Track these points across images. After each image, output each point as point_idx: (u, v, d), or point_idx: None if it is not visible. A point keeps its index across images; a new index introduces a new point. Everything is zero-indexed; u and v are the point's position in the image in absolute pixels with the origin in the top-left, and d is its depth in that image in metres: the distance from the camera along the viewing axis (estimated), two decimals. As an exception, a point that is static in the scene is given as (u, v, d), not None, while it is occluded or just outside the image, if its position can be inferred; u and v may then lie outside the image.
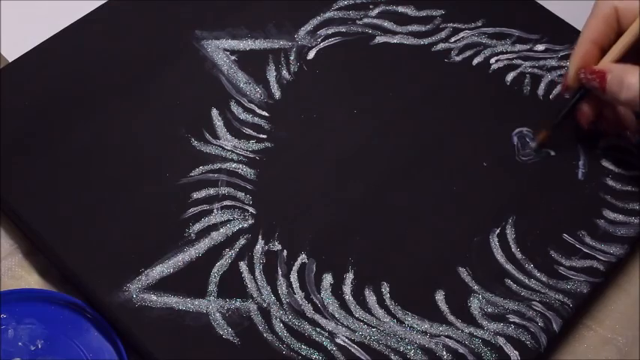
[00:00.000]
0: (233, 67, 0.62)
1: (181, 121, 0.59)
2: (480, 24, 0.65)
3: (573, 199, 0.58)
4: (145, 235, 0.54)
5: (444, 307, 0.53)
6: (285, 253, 0.54)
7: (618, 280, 0.57)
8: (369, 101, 0.61)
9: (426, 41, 0.65)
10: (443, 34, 0.65)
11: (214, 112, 0.60)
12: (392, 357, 0.51)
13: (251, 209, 0.56)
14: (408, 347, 0.51)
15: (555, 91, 0.62)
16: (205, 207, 0.56)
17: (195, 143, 0.58)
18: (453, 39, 0.65)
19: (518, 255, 0.55)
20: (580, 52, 0.57)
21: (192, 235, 0.54)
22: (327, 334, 0.52)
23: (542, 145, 0.59)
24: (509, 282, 0.54)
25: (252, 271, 0.53)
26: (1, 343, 0.51)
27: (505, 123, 0.61)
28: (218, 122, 0.59)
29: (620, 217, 0.57)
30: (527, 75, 0.63)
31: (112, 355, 0.51)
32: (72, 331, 0.52)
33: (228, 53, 0.62)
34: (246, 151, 0.58)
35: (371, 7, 0.66)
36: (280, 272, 0.54)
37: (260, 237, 0.55)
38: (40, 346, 0.51)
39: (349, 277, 0.54)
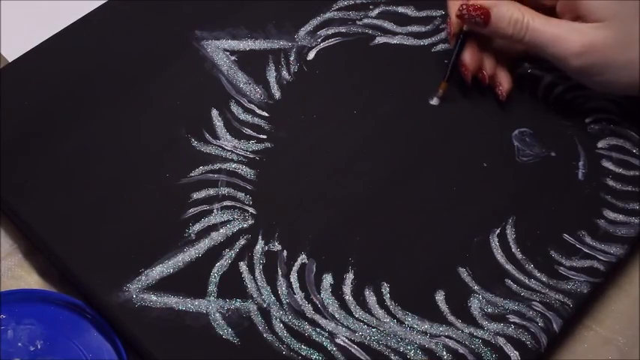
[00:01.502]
0: (233, 67, 0.62)
1: (181, 121, 0.59)
2: (480, 24, 0.65)
3: (573, 199, 0.58)
4: (145, 235, 0.54)
5: (444, 307, 0.53)
6: (285, 253, 0.54)
7: (618, 281, 0.57)
8: (369, 101, 0.61)
9: (426, 42, 0.65)
10: (443, 35, 0.65)
11: (214, 113, 0.60)
12: (392, 357, 0.51)
13: (251, 209, 0.56)
14: (408, 347, 0.51)
15: (555, 92, 0.62)
16: (205, 207, 0.55)
17: (195, 143, 0.58)
18: (453, 39, 0.65)
19: (519, 255, 0.55)
20: None
21: (192, 235, 0.54)
22: (327, 335, 0.52)
23: (442, 98, 0.60)
24: (509, 282, 0.54)
25: (252, 272, 0.53)
26: (1, 343, 0.51)
27: (505, 123, 0.61)
28: (218, 122, 0.59)
29: (621, 217, 0.57)
30: (528, 75, 0.63)
31: (111, 356, 0.51)
32: (71, 332, 0.52)
33: (228, 53, 0.62)
34: (246, 151, 0.58)
35: (371, 7, 0.66)
36: (280, 272, 0.53)
37: (260, 237, 0.55)
38: (39, 347, 0.51)
39: (349, 277, 0.54)
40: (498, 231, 0.56)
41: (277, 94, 0.61)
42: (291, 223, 0.55)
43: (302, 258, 0.54)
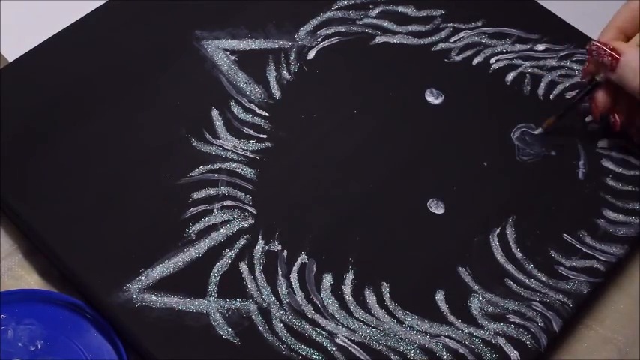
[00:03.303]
0: (233, 67, 0.62)
1: (181, 121, 0.59)
2: (479, 24, 0.65)
3: (573, 199, 0.58)
4: (145, 235, 0.54)
5: (444, 307, 0.53)
6: (285, 253, 0.54)
7: (618, 280, 0.57)
8: (369, 101, 0.61)
9: (426, 41, 0.65)
10: (443, 34, 0.65)
11: (214, 112, 0.60)
12: (392, 357, 0.51)
13: (251, 209, 0.56)
14: (408, 347, 0.51)
15: (555, 91, 0.63)
16: (205, 207, 0.56)
17: (196, 143, 0.58)
18: (453, 39, 0.65)
19: (518, 255, 0.55)
20: (604, 37, 0.56)
21: (192, 235, 0.54)
22: (327, 334, 0.52)
23: (546, 132, 0.59)
24: (509, 282, 0.54)
25: (252, 271, 0.53)
26: (1, 343, 0.51)
27: (505, 123, 0.61)
28: (218, 122, 0.59)
29: (620, 217, 0.57)
30: (527, 75, 0.63)
31: (111, 356, 0.51)
32: (72, 332, 0.52)
33: (228, 53, 0.62)
34: (246, 151, 0.58)
35: (371, 7, 0.66)
36: (280, 272, 0.53)
37: (260, 237, 0.55)
38: (39, 347, 0.51)
39: (349, 277, 0.54)
40: (498, 231, 0.56)
41: (277, 94, 0.61)
42: (291, 223, 0.55)
43: (302, 258, 0.54)
